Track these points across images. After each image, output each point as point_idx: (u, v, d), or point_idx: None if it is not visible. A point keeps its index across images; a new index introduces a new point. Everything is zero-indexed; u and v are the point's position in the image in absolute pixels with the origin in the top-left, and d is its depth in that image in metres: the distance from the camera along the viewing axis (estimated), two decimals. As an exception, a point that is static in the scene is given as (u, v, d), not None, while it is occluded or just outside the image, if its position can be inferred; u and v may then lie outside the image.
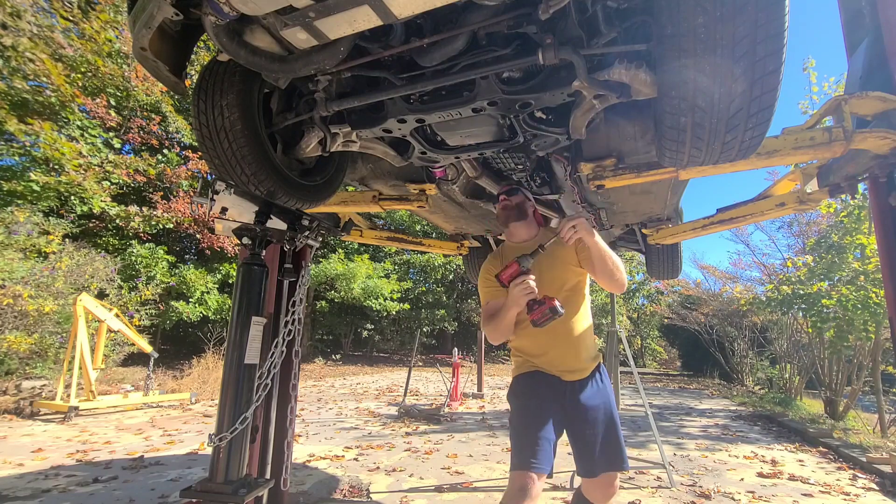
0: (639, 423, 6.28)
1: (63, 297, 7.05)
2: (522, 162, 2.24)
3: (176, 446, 4.50)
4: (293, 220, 2.04)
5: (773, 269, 10.74)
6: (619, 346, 3.89)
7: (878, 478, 3.98)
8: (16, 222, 7.36)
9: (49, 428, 5.10)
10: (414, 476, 3.70)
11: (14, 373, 6.88)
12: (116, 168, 9.93)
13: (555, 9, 1.16)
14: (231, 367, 1.69)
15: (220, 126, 1.66)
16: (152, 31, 1.30)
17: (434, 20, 1.36)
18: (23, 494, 3.07)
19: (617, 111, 1.69)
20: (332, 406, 7.28)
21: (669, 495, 3.39)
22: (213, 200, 1.65)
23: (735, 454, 4.77)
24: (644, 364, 24.85)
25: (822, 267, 6.62)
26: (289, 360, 2.11)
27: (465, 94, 1.54)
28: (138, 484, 3.35)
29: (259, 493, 1.71)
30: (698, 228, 2.90)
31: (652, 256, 4.16)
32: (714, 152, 1.36)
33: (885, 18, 1.81)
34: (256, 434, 2.19)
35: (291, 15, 1.16)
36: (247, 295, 1.75)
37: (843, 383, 7.50)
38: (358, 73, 1.54)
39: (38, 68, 7.72)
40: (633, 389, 10.00)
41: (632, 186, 2.21)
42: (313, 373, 12.43)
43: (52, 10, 8.32)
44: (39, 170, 8.42)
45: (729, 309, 12.75)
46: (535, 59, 1.30)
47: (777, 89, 1.15)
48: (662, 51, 1.17)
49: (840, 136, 1.75)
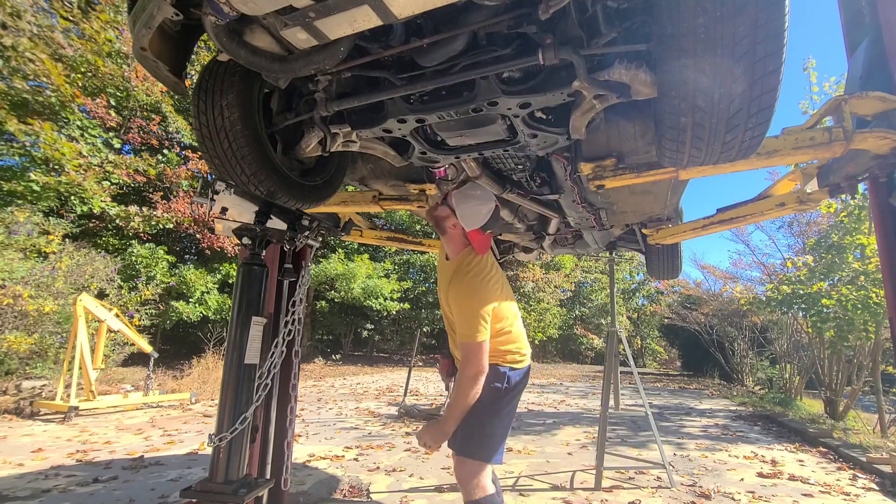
0: (639, 423, 6.28)
1: (63, 297, 7.05)
2: (522, 162, 2.24)
3: (176, 446, 4.50)
4: (293, 220, 2.03)
5: (774, 269, 10.75)
6: (619, 346, 3.89)
7: (878, 478, 3.98)
8: (16, 222, 7.36)
9: (49, 428, 5.10)
10: (414, 476, 3.70)
11: (14, 373, 6.87)
12: (116, 168, 9.93)
13: (555, 9, 1.16)
14: (231, 367, 1.69)
15: (220, 126, 1.66)
16: (152, 31, 1.30)
17: (434, 20, 1.36)
18: (23, 494, 3.07)
19: (617, 111, 1.68)
20: (332, 406, 7.28)
21: (669, 495, 3.39)
22: (213, 200, 1.65)
23: (735, 454, 4.77)
24: (644, 364, 24.86)
25: (822, 267, 6.63)
26: (289, 360, 2.10)
27: (465, 94, 1.54)
28: (138, 484, 3.35)
29: (259, 493, 1.71)
30: (698, 228, 2.90)
31: (652, 256, 4.16)
32: (714, 152, 1.36)
33: (885, 18, 1.80)
34: (256, 434, 2.19)
35: (291, 15, 1.16)
36: (247, 295, 1.75)
37: (843, 383, 7.49)
38: (358, 73, 1.54)
39: (38, 68, 7.72)
40: (633, 389, 10.00)
41: (632, 186, 2.20)
42: (313, 373, 12.42)
43: (52, 10, 8.32)
44: (39, 170, 8.42)
45: (729, 309, 12.74)
46: (535, 60, 1.30)
47: (777, 89, 1.15)
48: (662, 51, 1.17)
49: (840, 136, 1.75)
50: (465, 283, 1.83)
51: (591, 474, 3.74)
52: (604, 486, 3.51)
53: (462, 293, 1.82)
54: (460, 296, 1.82)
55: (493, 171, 2.32)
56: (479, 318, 1.75)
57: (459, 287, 1.83)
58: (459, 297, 1.81)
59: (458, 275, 1.86)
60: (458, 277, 1.85)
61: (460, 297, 1.81)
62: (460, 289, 1.83)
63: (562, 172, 2.19)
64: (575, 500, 3.24)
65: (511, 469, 3.98)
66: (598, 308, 23.18)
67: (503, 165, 2.29)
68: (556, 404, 8.26)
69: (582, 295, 23.60)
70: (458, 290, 1.83)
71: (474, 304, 1.78)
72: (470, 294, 1.81)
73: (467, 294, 1.81)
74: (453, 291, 1.84)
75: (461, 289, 1.82)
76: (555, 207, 2.74)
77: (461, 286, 1.83)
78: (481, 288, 1.82)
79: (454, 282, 1.85)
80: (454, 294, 1.83)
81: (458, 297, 1.82)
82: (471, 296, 1.80)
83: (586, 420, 6.63)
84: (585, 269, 22.62)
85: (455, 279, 1.86)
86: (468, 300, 1.79)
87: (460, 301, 1.80)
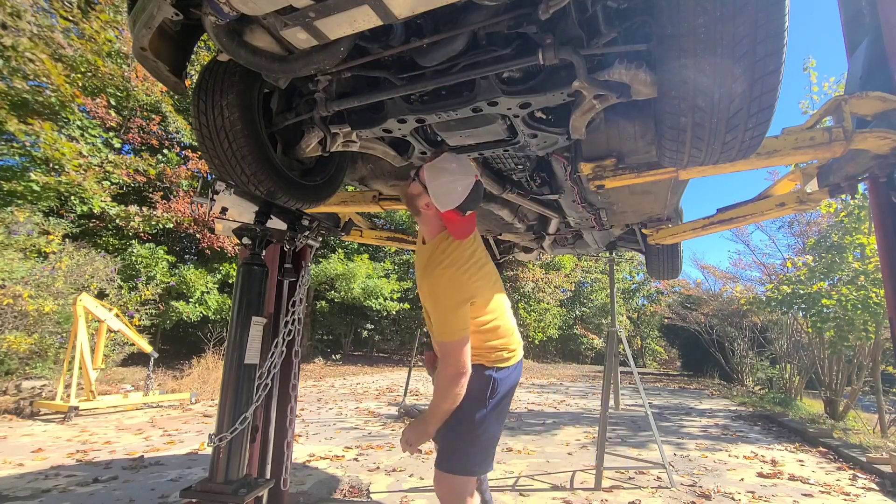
0: (639, 423, 6.28)
1: (63, 297, 7.04)
2: (522, 162, 2.24)
3: (176, 446, 4.50)
4: (293, 220, 2.03)
5: (773, 269, 10.75)
6: (619, 346, 3.89)
7: (878, 478, 3.98)
8: (16, 222, 7.35)
9: (49, 428, 5.10)
10: (414, 476, 3.70)
11: (14, 373, 6.87)
12: (116, 168, 9.93)
13: (555, 9, 1.16)
14: (231, 367, 1.69)
15: (220, 126, 1.66)
16: (152, 31, 1.30)
17: (434, 20, 1.36)
18: (23, 494, 3.07)
19: (617, 111, 1.68)
20: (332, 406, 7.28)
21: (669, 495, 3.39)
22: (213, 200, 1.65)
23: (735, 454, 4.77)
24: (644, 364, 24.87)
25: (821, 267, 6.63)
26: (289, 360, 2.10)
27: (465, 94, 1.54)
28: (138, 484, 3.35)
29: (259, 493, 1.71)
30: (698, 228, 2.90)
31: (652, 256, 4.16)
32: (714, 152, 1.36)
33: (885, 18, 1.80)
34: (256, 434, 2.19)
35: (291, 15, 1.16)
36: (247, 295, 1.75)
37: (843, 383, 7.50)
38: (358, 73, 1.54)
39: (38, 68, 7.72)
40: (633, 389, 10.00)
41: (632, 186, 2.20)
42: (313, 373, 12.42)
43: (52, 10, 8.32)
44: (39, 170, 8.42)
45: (729, 309, 12.75)
46: (535, 60, 1.30)
47: (777, 89, 1.15)
48: (662, 51, 1.17)
49: (840, 136, 1.75)
50: (438, 275, 1.59)
51: (591, 474, 3.74)
52: (604, 486, 3.51)
53: (435, 285, 1.60)
54: (433, 288, 1.60)
55: (493, 171, 2.32)
56: (455, 315, 1.55)
57: (431, 279, 1.61)
58: (433, 290, 1.60)
59: (430, 265, 1.63)
60: (431, 268, 1.62)
61: (433, 289, 1.60)
62: (432, 280, 1.60)
63: (562, 172, 2.18)
64: (575, 500, 3.24)
65: (511, 469, 3.98)
66: (598, 308, 23.20)
67: (503, 165, 2.29)
68: (556, 404, 8.26)
69: (582, 295, 23.61)
70: (430, 281, 1.61)
71: (449, 298, 1.57)
72: (444, 287, 1.58)
73: (441, 287, 1.58)
74: (425, 283, 1.63)
75: (433, 280, 1.60)
76: (555, 207, 2.74)
77: (433, 278, 1.60)
78: (457, 280, 1.59)
79: (426, 273, 1.63)
80: (426, 286, 1.62)
81: (431, 289, 1.61)
82: (445, 289, 1.58)
83: (586, 420, 6.63)
84: (585, 269, 22.63)
85: (427, 269, 1.63)
86: (442, 294, 1.58)
87: (434, 294, 1.59)
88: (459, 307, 1.57)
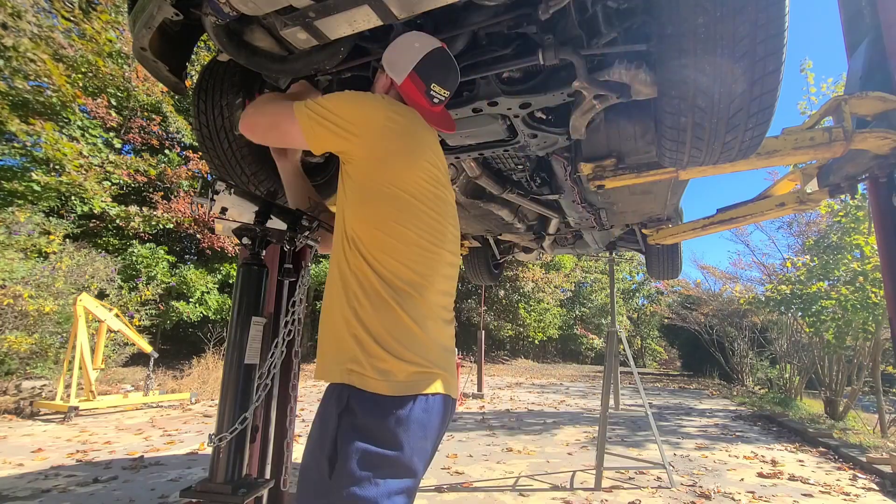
0: (639, 423, 6.28)
1: (63, 298, 7.04)
2: (522, 162, 2.24)
3: (176, 446, 4.50)
4: (293, 220, 2.03)
5: (773, 269, 10.75)
6: (619, 346, 3.89)
7: (877, 478, 3.98)
8: (16, 222, 7.36)
9: (49, 428, 5.10)
10: (414, 476, 3.70)
11: (14, 373, 6.87)
12: (117, 168, 9.93)
13: (555, 9, 1.16)
14: (231, 368, 1.69)
15: (220, 126, 1.67)
16: (152, 31, 1.30)
17: (434, 20, 1.36)
18: (23, 494, 3.07)
19: (617, 111, 1.69)
20: (332, 406, 7.28)
21: (669, 495, 3.39)
22: (213, 200, 1.65)
23: (735, 454, 4.77)
24: (644, 364, 24.87)
25: (820, 267, 6.63)
26: (289, 360, 2.10)
27: (465, 94, 1.54)
28: (138, 484, 3.35)
29: (259, 493, 1.71)
30: (698, 228, 2.90)
31: (652, 257, 4.16)
32: (714, 152, 1.37)
33: (885, 18, 1.80)
34: (256, 434, 2.19)
35: (291, 15, 1.16)
36: (247, 295, 1.75)
37: (843, 383, 7.49)
38: (358, 73, 1.54)
39: (39, 69, 7.73)
40: (632, 389, 9.99)
41: (632, 186, 2.20)
42: (313, 373, 12.42)
43: (53, 10, 8.32)
44: (40, 170, 8.43)
45: (729, 309, 12.74)
46: (535, 60, 1.30)
47: (777, 89, 1.15)
48: (662, 51, 1.17)
49: (840, 136, 1.75)
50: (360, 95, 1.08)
51: (591, 474, 3.73)
52: (604, 486, 3.51)
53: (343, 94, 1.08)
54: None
55: (493, 171, 2.32)
56: (327, 115, 1.02)
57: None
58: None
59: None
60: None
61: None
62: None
63: (562, 172, 2.19)
64: (575, 500, 3.24)
65: (511, 469, 3.97)
66: (598, 308, 23.18)
67: (503, 165, 2.29)
68: (556, 404, 8.25)
69: (582, 295, 23.61)
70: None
71: (343, 104, 1.03)
72: (352, 97, 1.06)
73: (348, 95, 1.07)
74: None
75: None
76: (555, 207, 2.74)
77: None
78: (378, 120, 1.03)
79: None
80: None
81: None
82: (351, 98, 1.05)
83: (586, 420, 6.62)
84: (585, 269, 22.63)
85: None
86: (343, 98, 1.05)
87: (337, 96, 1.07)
88: (340, 120, 1.01)
